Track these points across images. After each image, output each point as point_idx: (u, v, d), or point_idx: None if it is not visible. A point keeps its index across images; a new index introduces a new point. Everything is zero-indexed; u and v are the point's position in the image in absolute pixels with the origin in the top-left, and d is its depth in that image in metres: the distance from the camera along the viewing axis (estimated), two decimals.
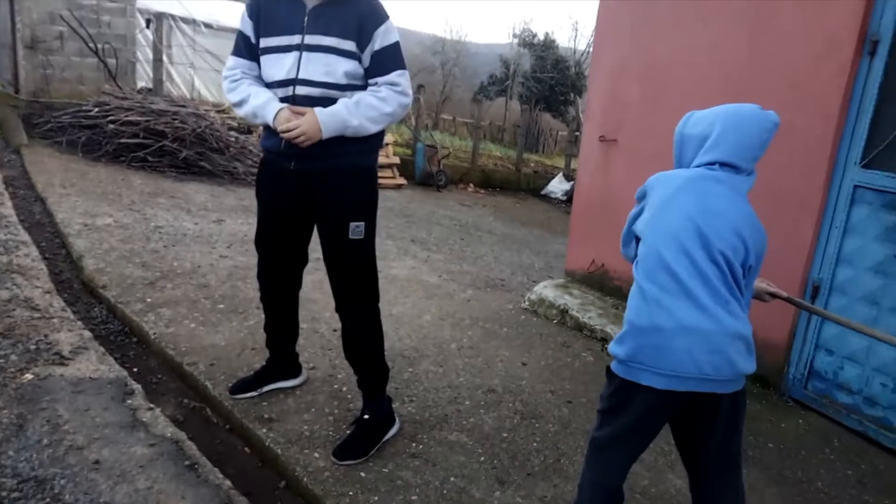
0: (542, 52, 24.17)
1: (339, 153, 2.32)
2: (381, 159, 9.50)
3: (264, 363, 2.86)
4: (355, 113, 2.25)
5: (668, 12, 3.95)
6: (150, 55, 10.22)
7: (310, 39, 2.25)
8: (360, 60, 2.29)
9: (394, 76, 2.30)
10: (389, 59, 2.29)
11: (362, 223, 2.40)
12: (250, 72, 2.40)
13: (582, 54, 27.70)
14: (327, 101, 2.26)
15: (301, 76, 2.26)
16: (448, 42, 35.18)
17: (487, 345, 3.68)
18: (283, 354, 2.84)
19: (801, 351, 3.39)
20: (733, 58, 3.59)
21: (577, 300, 4.23)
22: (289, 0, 2.29)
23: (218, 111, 8.66)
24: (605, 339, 3.88)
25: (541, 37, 25.21)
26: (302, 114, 2.24)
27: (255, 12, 2.34)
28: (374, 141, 2.40)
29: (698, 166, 1.80)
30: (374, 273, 2.50)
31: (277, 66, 2.29)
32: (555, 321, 4.19)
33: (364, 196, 2.43)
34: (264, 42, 2.32)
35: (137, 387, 2.74)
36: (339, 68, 2.25)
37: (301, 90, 2.26)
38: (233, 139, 7.94)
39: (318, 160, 2.31)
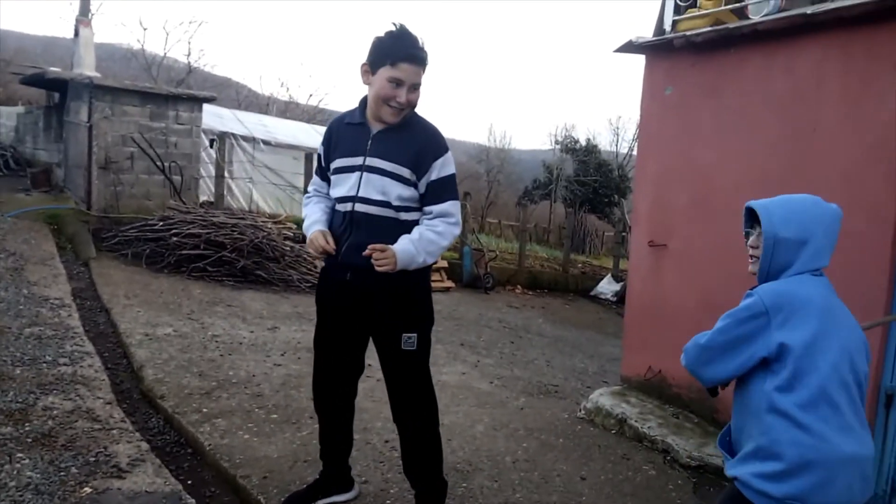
0: (585, 156, 24.72)
1: (395, 273, 2.39)
2: None
3: (317, 476, 2.82)
4: (420, 250, 2.39)
5: (710, 120, 4.04)
6: (213, 171, 10.84)
7: (370, 161, 2.44)
8: (416, 187, 2.45)
9: (447, 206, 2.46)
10: (444, 190, 2.45)
11: (415, 335, 2.47)
12: (321, 190, 2.67)
13: (624, 157, 28.20)
14: (383, 219, 2.44)
15: (360, 194, 2.45)
16: (492, 150, 36.35)
17: (544, 457, 3.56)
18: (336, 466, 2.81)
19: (881, 465, 3.18)
20: (778, 162, 3.62)
21: (636, 409, 4.10)
22: (357, 125, 2.50)
23: (275, 222, 9.03)
24: (666, 451, 3.71)
25: (582, 142, 25.85)
26: (328, 245, 2.46)
27: (328, 138, 2.59)
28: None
29: (802, 272, 1.77)
30: (428, 385, 2.55)
31: (343, 184, 2.50)
32: (613, 431, 4.05)
33: (417, 309, 2.52)
34: (335, 163, 2.54)
35: (192, 501, 2.72)
36: (392, 191, 2.42)
37: (360, 207, 2.45)
38: (288, 248, 8.22)
39: (373, 275, 2.38)
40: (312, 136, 13.99)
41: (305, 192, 2.76)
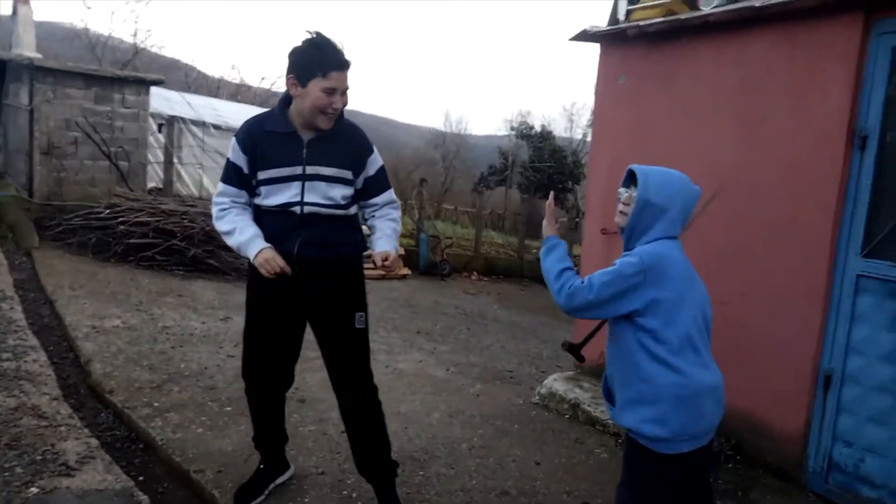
0: (540, 142, 24.89)
1: (342, 244, 2.57)
2: None
3: (261, 466, 2.85)
4: (396, 242, 2.61)
5: (662, 109, 4.11)
6: (161, 157, 10.55)
7: (311, 170, 2.48)
8: (353, 185, 2.57)
9: (390, 194, 2.70)
10: (383, 182, 2.67)
11: (364, 314, 2.64)
12: (238, 199, 2.56)
13: (578, 143, 28.48)
14: (331, 219, 2.54)
15: (306, 199, 2.50)
16: (448, 136, 36.33)
17: (499, 443, 3.61)
18: (278, 452, 2.87)
19: (819, 443, 3.32)
20: (729, 153, 3.71)
21: (588, 393, 4.19)
22: (284, 133, 2.49)
23: None
24: (617, 434, 3.80)
25: (538, 128, 26.00)
26: (285, 265, 2.43)
27: (248, 148, 2.50)
28: (364, 239, 2.68)
29: (661, 238, 2.04)
30: (369, 358, 2.72)
31: (281, 193, 2.49)
32: (566, 416, 4.12)
33: (363, 290, 2.68)
34: (266, 174, 2.50)
35: (145, 498, 2.68)
36: (337, 193, 2.52)
37: (308, 208, 2.50)
38: None
39: (323, 265, 2.52)
40: None
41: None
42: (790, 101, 3.44)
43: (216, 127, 12.24)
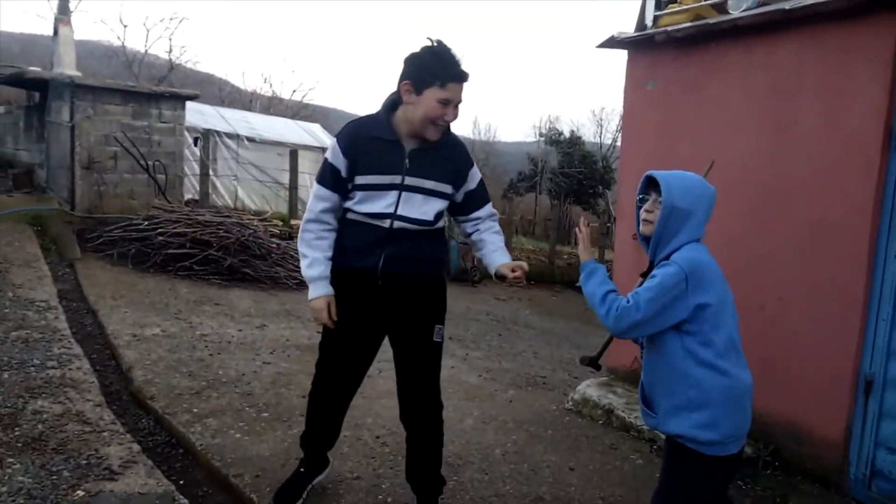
0: (569, 148, 24.78)
1: (427, 258, 2.55)
2: None
3: (300, 469, 2.83)
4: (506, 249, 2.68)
5: (692, 114, 4.09)
6: (197, 169, 10.78)
7: (410, 181, 2.44)
8: (451, 199, 2.57)
9: (491, 207, 2.72)
10: (484, 195, 2.68)
11: (443, 327, 2.63)
12: (328, 211, 2.54)
13: (608, 148, 28.27)
14: (418, 234, 2.50)
15: (399, 213, 2.45)
16: (477, 143, 36.37)
17: (533, 449, 3.61)
18: (322, 457, 2.89)
19: (860, 449, 3.26)
20: (759, 156, 3.68)
21: (623, 399, 4.16)
22: (387, 141, 2.44)
23: (261, 219, 9.01)
24: (652, 440, 3.78)
25: (566, 134, 25.90)
26: (332, 318, 2.53)
27: (350, 150, 2.45)
28: (447, 252, 2.66)
29: (688, 242, 2.05)
30: (439, 372, 2.70)
31: (376, 201, 2.46)
32: (600, 422, 4.11)
33: (444, 303, 2.67)
34: (364, 179, 2.45)
35: (185, 501, 2.74)
36: (433, 208, 2.49)
37: (398, 224, 2.46)
38: (275, 245, 8.21)
39: (409, 264, 2.52)
40: (297, 132, 13.93)
41: (291, 186, 2.72)
42: (822, 103, 3.40)
43: (250, 139, 12.48)
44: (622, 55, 4.60)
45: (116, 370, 4.37)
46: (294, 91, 34.60)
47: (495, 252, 2.61)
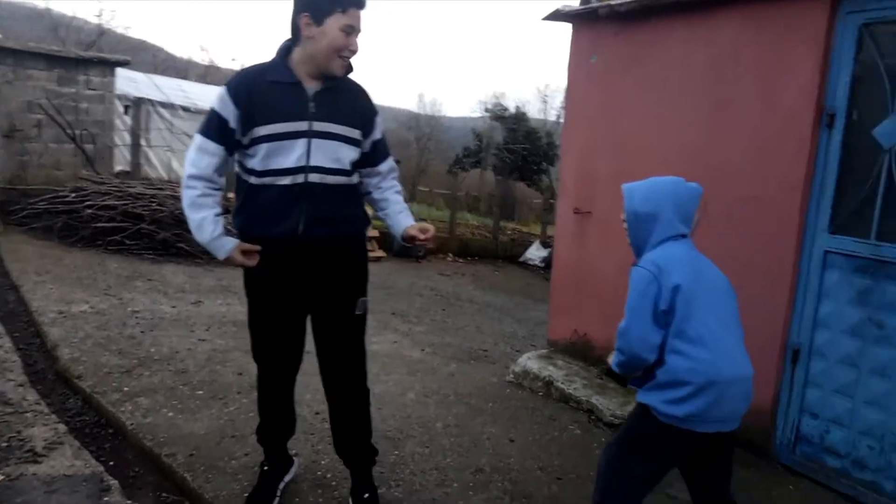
0: (514, 124, 24.86)
1: (350, 218, 2.41)
2: None
3: (265, 467, 2.64)
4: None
5: (633, 90, 4.12)
6: (128, 139, 10.33)
7: (319, 126, 2.24)
8: (360, 147, 2.38)
9: (392, 161, 2.55)
10: (385, 147, 2.51)
11: (365, 298, 2.49)
12: (218, 161, 2.28)
13: (552, 125, 28.49)
14: (339, 186, 2.32)
15: (312, 163, 2.24)
16: (422, 117, 36.13)
17: (473, 422, 3.63)
18: (282, 450, 2.72)
19: (787, 415, 3.39)
20: (698, 133, 3.73)
21: (562, 371, 4.22)
22: (286, 84, 2.23)
23: None
24: (590, 411, 3.85)
25: (512, 110, 25.96)
26: (254, 251, 2.31)
27: (244, 98, 2.21)
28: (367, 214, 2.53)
29: (664, 240, 2.14)
30: (364, 346, 2.55)
31: (284, 154, 2.23)
32: (540, 393, 4.16)
33: (366, 269, 2.52)
34: (266, 129, 2.22)
35: (114, 482, 2.64)
36: (346, 156, 2.32)
37: (313, 177, 2.26)
38: None
39: (335, 246, 2.36)
40: None
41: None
42: (759, 81, 3.46)
43: (185, 109, 12.01)
44: (568, 30, 4.59)
45: (41, 349, 4.18)
46: (233, 59, 33.52)
47: (400, 213, 2.48)
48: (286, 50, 2.28)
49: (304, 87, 2.25)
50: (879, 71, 3.04)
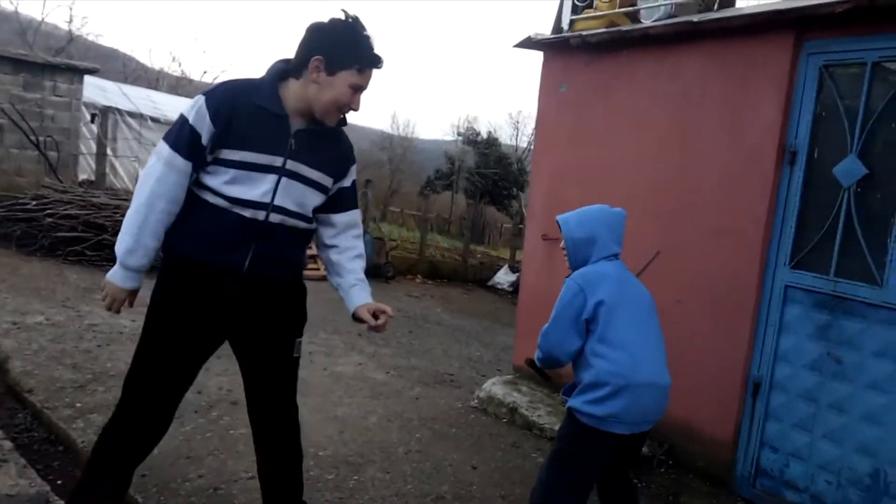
0: (486, 149, 25.11)
1: (295, 261, 2.24)
2: None
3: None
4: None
5: (603, 119, 4.18)
6: (94, 148, 10.14)
7: (291, 165, 2.09)
8: (327, 194, 2.23)
9: (356, 214, 2.34)
10: (354, 197, 2.32)
11: (301, 340, 2.32)
12: (185, 180, 2.06)
13: (523, 151, 28.82)
14: (297, 229, 2.17)
15: (276, 202, 2.09)
16: (395, 138, 36.21)
17: (436, 447, 3.59)
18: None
19: (747, 448, 3.42)
20: (666, 164, 3.80)
21: (526, 397, 4.21)
22: (271, 113, 2.07)
23: None
24: (553, 439, 3.83)
25: (484, 134, 26.23)
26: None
27: (223, 116, 2.02)
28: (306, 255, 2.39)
29: (598, 260, 2.40)
30: (296, 389, 2.37)
31: (250, 186, 2.06)
32: (504, 420, 4.13)
33: (304, 311, 2.34)
34: (238, 155, 2.05)
35: (61, 503, 2.54)
36: (310, 202, 2.17)
37: (274, 217, 2.10)
38: None
39: (274, 287, 2.19)
40: None
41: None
42: (724, 115, 3.55)
43: (154, 120, 11.86)
44: (539, 58, 4.65)
45: None
46: (205, 72, 33.31)
47: (354, 287, 2.26)
48: (280, 74, 2.12)
49: (289, 122, 2.10)
50: (839, 111, 3.13)
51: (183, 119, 2.04)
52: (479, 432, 3.90)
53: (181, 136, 2.03)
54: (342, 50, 2.04)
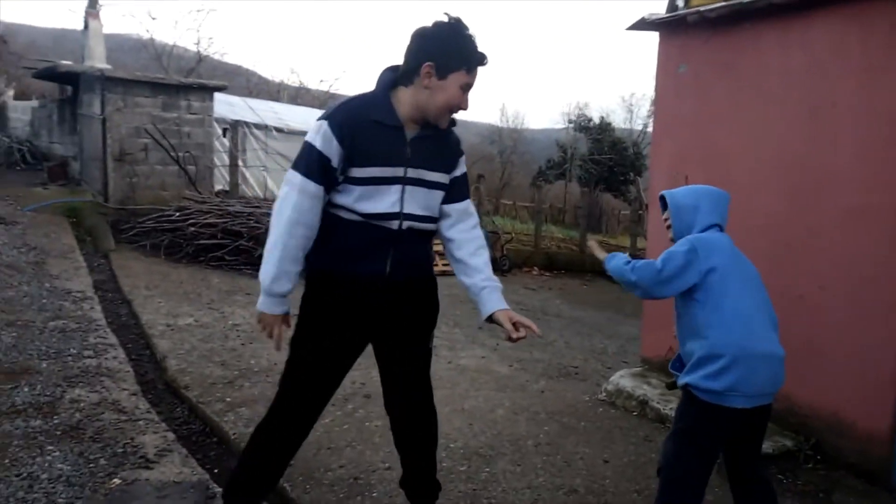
0: (599, 134, 24.52)
1: (426, 261, 2.36)
2: None
3: None
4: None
5: (726, 97, 3.97)
6: (227, 160, 10.87)
7: (413, 173, 2.16)
8: (446, 189, 2.30)
9: (471, 204, 2.40)
10: (465, 186, 2.38)
11: (434, 331, 2.44)
12: (320, 205, 2.14)
13: (639, 134, 27.87)
14: (427, 232, 2.27)
15: (405, 210, 2.17)
16: (505, 130, 36.14)
17: (566, 440, 3.57)
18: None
19: None
20: (796, 140, 3.56)
21: (657, 390, 4.09)
22: (385, 126, 2.13)
23: None
24: None
25: (596, 120, 25.62)
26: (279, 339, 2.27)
27: (347, 137, 2.08)
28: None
29: (707, 227, 2.38)
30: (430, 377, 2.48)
31: (378, 199, 2.14)
32: (634, 413, 4.04)
33: (437, 305, 2.44)
34: (363, 172, 2.11)
35: (218, 490, 2.75)
36: (435, 203, 2.26)
37: (406, 223, 2.18)
38: None
39: (416, 267, 2.30)
40: None
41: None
42: (864, 84, 3.27)
43: (278, 130, 12.54)
44: (653, 38, 4.49)
45: (151, 359, 4.43)
46: (321, 81, 34.73)
47: (484, 290, 2.24)
48: (389, 84, 2.17)
49: (404, 132, 2.15)
50: None
51: (309, 146, 2.10)
52: (608, 426, 3.84)
53: (311, 162, 2.09)
54: (450, 53, 2.07)
